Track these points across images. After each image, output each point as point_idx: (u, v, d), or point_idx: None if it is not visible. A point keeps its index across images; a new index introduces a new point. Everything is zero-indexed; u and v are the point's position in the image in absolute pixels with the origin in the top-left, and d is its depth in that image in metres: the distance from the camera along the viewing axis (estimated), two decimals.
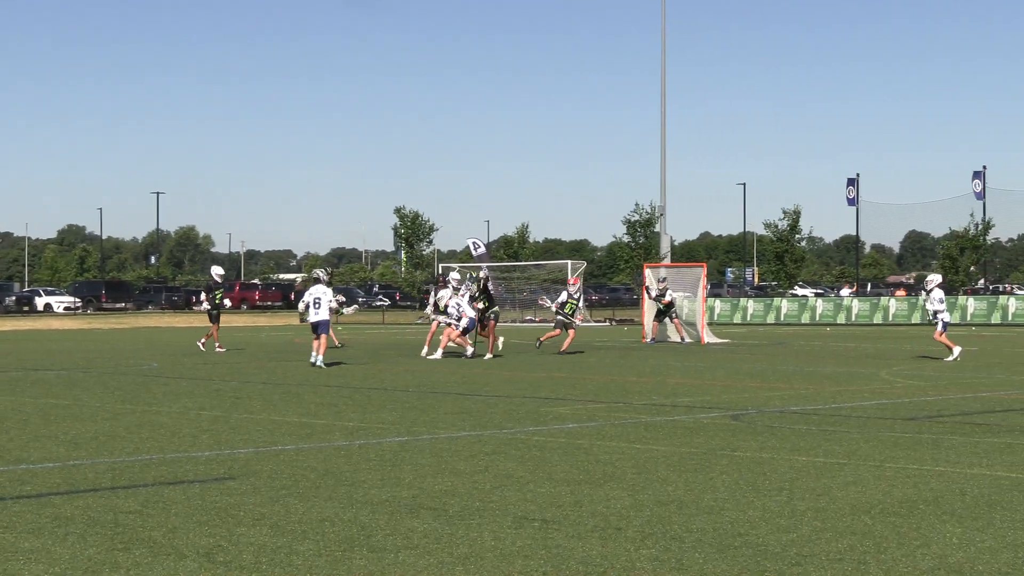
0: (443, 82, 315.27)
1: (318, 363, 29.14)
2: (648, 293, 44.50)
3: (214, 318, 38.04)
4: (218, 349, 37.39)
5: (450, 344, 33.71)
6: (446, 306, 33.87)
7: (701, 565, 8.41)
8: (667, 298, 43.12)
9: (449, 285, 34.54)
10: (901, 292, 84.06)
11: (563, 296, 37.27)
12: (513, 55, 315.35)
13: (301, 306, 30.61)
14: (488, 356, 33.55)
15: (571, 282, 39.74)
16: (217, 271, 39.82)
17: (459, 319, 33.34)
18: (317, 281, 30.58)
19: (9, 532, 9.49)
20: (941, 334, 32.08)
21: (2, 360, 34.42)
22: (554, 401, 20.53)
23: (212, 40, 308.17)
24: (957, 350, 31.59)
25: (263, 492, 11.31)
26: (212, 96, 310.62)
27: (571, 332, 36.53)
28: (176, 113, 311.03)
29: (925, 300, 34.08)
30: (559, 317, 37.02)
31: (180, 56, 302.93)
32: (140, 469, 12.86)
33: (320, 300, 29.58)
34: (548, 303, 46.06)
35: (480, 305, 34.57)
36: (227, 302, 38.41)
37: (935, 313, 32.46)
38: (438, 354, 33.26)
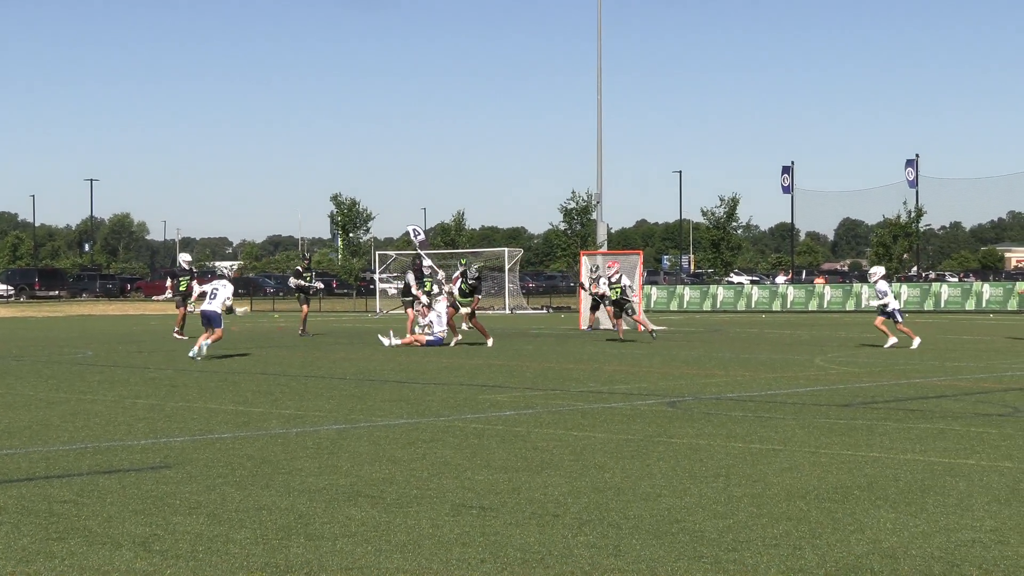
0: (379, 69, 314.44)
1: (200, 354, 27.92)
2: (584, 288, 44.28)
3: (178, 304, 37.91)
4: (175, 335, 37.02)
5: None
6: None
7: (638, 551, 8.45)
8: (602, 289, 43.20)
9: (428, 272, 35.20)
10: (820, 280, 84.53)
11: (603, 285, 36.88)
12: (450, 41, 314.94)
13: (197, 291, 30.85)
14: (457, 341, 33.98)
15: (609, 265, 37.73)
16: (184, 258, 39.88)
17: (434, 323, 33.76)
18: (221, 276, 30.79)
19: None
20: (899, 324, 31.63)
21: None
22: (492, 388, 20.55)
23: (144, 24, 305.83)
24: (891, 340, 31.39)
25: (199, 480, 11.26)
26: (146, 82, 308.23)
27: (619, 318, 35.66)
28: (110, 99, 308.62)
29: (871, 295, 34.07)
30: (614, 303, 35.82)
31: (114, 40, 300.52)
32: (75, 458, 12.76)
33: (217, 292, 29.07)
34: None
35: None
36: (196, 288, 37.67)
37: (884, 305, 31.94)
38: (388, 339, 33.26)
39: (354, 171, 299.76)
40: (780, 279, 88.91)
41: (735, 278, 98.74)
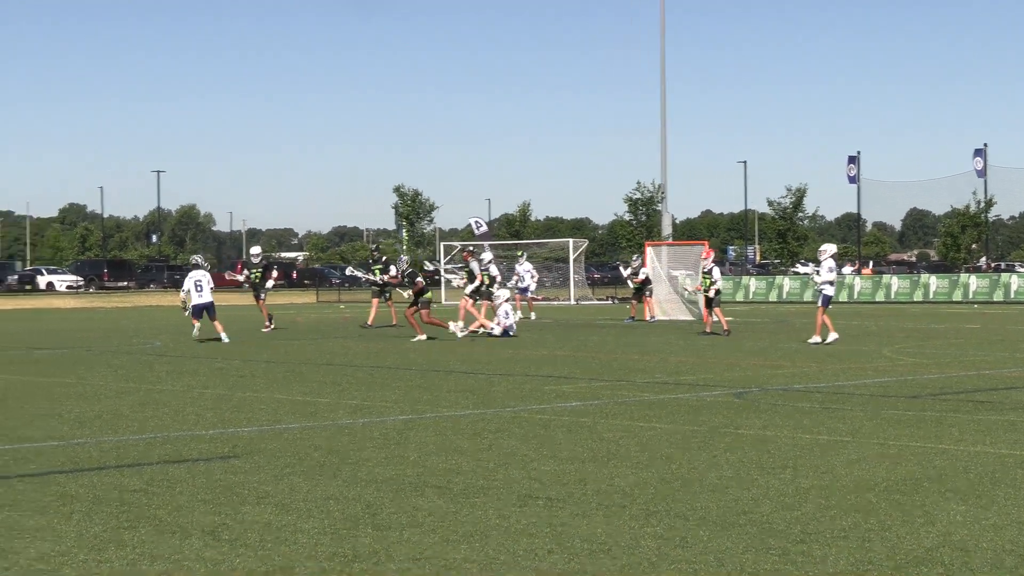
0: (445, 60, 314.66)
1: (223, 339, 30.45)
2: (621, 272, 44.69)
3: (255, 297, 37.82)
4: (265, 330, 36.43)
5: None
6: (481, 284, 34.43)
7: (705, 542, 8.42)
8: (640, 277, 43.20)
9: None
10: (867, 271, 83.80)
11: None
12: (515, 33, 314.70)
13: (183, 293, 31.43)
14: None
15: (704, 255, 36.23)
16: (253, 250, 39.54)
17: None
18: (197, 267, 31.84)
19: (14, 510, 9.51)
20: (824, 311, 28.90)
21: (5, 339, 34.44)
22: (557, 379, 20.54)
23: (213, 19, 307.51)
24: (832, 336, 28.81)
25: (267, 471, 11.33)
26: (214, 75, 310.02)
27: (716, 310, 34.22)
28: (178, 91, 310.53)
29: (815, 272, 30.03)
30: (706, 295, 34.47)
31: (182, 35, 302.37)
32: (145, 448, 12.88)
33: (202, 283, 30.73)
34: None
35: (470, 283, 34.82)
36: (270, 283, 37.26)
37: (820, 286, 29.31)
38: (456, 326, 33.09)
39: (420, 162, 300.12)
40: (847, 270, 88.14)
41: (800, 268, 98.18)
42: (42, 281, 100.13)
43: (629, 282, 43.78)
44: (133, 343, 31.67)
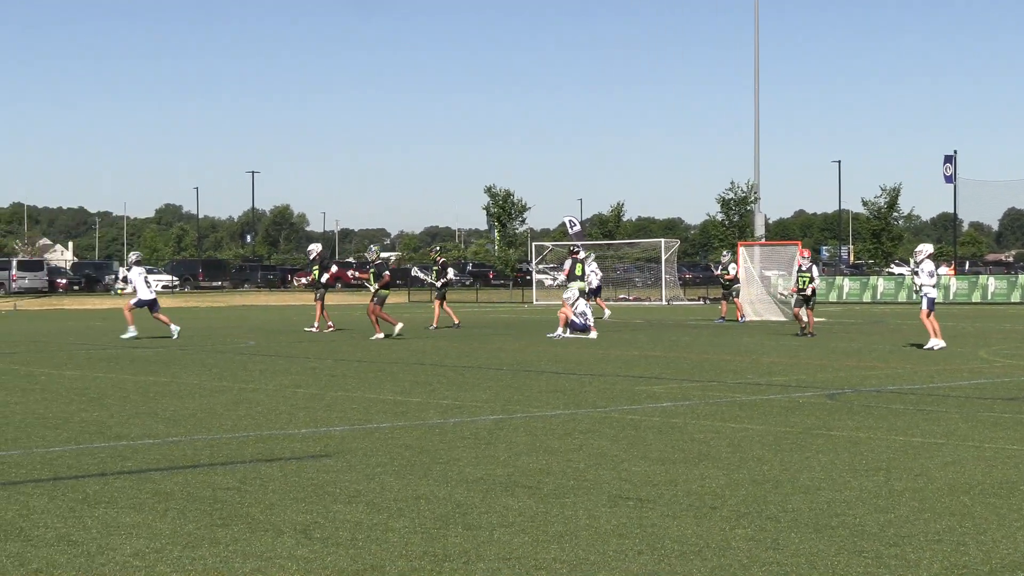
0: (540, 61, 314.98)
1: (174, 333, 32.50)
2: (713, 270, 44.61)
3: (313, 296, 38.06)
4: (312, 329, 36.98)
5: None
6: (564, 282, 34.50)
7: (797, 544, 8.36)
8: (731, 274, 43.13)
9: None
10: (950, 271, 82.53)
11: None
12: (607, 33, 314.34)
13: (127, 286, 32.72)
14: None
15: (801, 255, 35.49)
16: (311, 247, 39.58)
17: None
18: (139, 263, 33.43)
19: (111, 507, 9.63)
20: (928, 314, 28.04)
21: (102, 338, 34.91)
22: (648, 380, 20.48)
23: (307, 19, 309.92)
24: (936, 342, 27.74)
25: (359, 469, 11.39)
26: (306, 76, 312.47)
27: (809, 312, 33.68)
28: (273, 93, 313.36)
29: (913, 275, 29.61)
30: (803, 294, 33.67)
31: (273, 36, 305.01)
32: (238, 446, 12.99)
33: (149, 279, 32.50)
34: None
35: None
36: (324, 278, 37.32)
37: (921, 287, 28.55)
38: (559, 332, 32.95)
39: (512, 163, 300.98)
40: (942, 270, 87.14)
41: (896, 269, 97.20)
42: None
43: (720, 277, 43.69)
44: (227, 342, 31.98)
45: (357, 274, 42.14)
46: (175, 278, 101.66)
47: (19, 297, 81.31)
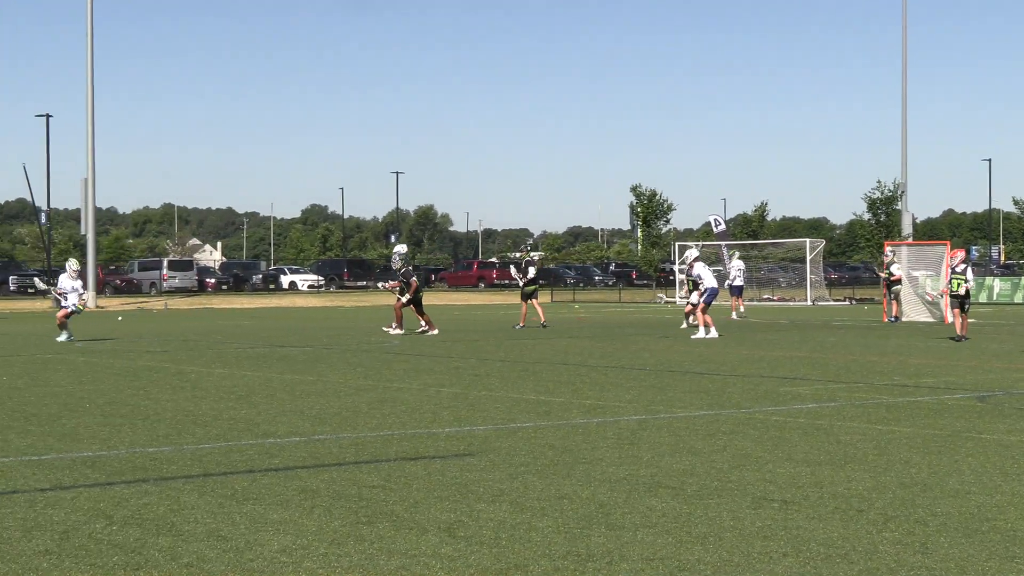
0: (684, 61, 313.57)
1: (63, 340, 32.12)
2: (877, 272, 43.79)
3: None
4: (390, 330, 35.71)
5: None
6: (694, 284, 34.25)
7: (946, 549, 8.22)
8: (896, 274, 42.56)
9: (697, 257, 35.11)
10: None
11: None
12: (752, 31, 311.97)
13: (57, 291, 33.43)
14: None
15: (952, 255, 34.21)
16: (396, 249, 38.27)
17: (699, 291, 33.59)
18: (77, 275, 33.81)
19: (259, 504, 9.77)
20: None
21: (250, 337, 35.45)
22: (793, 381, 20.28)
23: (451, 19, 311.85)
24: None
25: (502, 469, 11.42)
26: (451, 77, 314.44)
27: (964, 314, 32.11)
28: (416, 94, 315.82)
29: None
30: (956, 296, 32.26)
31: (418, 36, 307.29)
32: (382, 444, 13.10)
33: (73, 288, 32.84)
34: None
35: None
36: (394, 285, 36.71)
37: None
38: (701, 332, 32.72)
39: (657, 163, 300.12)
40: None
41: None
42: (285, 280, 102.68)
43: (887, 277, 43.13)
44: (372, 341, 32.27)
45: (387, 284, 41.73)
46: (321, 278, 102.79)
47: (169, 296, 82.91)
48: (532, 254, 39.65)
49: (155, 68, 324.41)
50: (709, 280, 33.71)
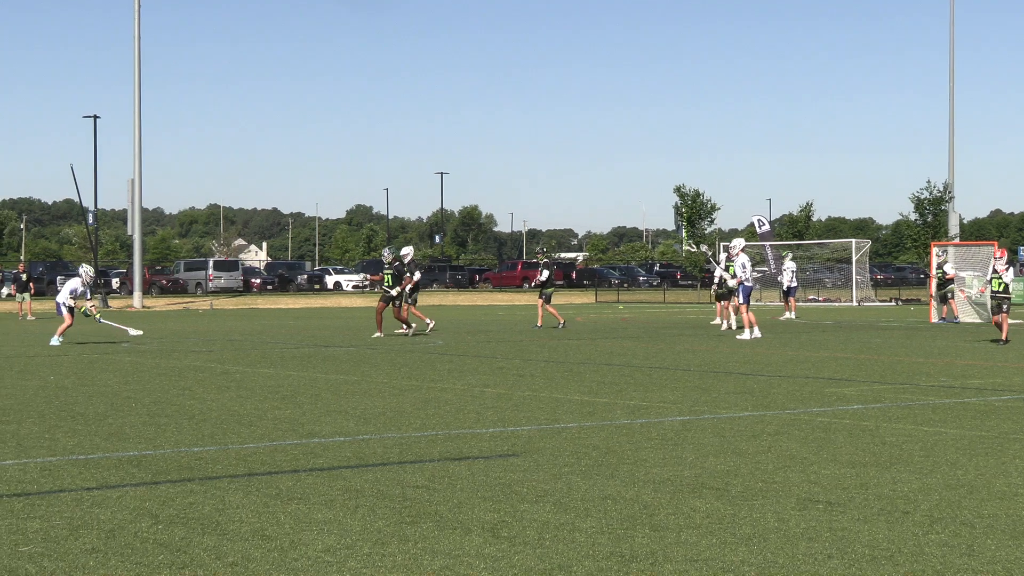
0: (726, 64, 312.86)
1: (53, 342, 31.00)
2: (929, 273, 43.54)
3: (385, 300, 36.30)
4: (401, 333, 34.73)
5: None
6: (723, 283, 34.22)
7: (993, 552, 8.17)
8: (949, 274, 42.40)
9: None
10: None
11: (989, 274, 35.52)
12: (796, 33, 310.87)
13: (88, 303, 32.41)
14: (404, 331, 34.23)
15: (996, 256, 33.01)
16: (403, 251, 37.25)
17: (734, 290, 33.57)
18: (75, 275, 33.30)
19: (303, 503, 9.80)
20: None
21: (295, 336, 35.57)
22: (839, 382, 20.19)
23: (494, 28, 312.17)
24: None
25: (546, 469, 11.42)
26: (495, 79, 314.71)
27: (1004, 315, 31.22)
28: (460, 96, 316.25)
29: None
30: (992, 300, 31.75)
31: (467, 42, 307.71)
32: (426, 444, 13.12)
33: (69, 289, 31.90)
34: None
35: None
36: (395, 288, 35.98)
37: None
38: (747, 334, 32.55)
39: (701, 163, 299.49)
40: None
41: None
42: (330, 280, 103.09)
43: (940, 277, 43.08)
44: (416, 342, 32.30)
45: (369, 276, 41.32)
46: (366, 277, 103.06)
47: (215, 296, 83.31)
48: (550, 255, 39.54)
49: (202, 70, 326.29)
50: (746, 275, 33.48)
